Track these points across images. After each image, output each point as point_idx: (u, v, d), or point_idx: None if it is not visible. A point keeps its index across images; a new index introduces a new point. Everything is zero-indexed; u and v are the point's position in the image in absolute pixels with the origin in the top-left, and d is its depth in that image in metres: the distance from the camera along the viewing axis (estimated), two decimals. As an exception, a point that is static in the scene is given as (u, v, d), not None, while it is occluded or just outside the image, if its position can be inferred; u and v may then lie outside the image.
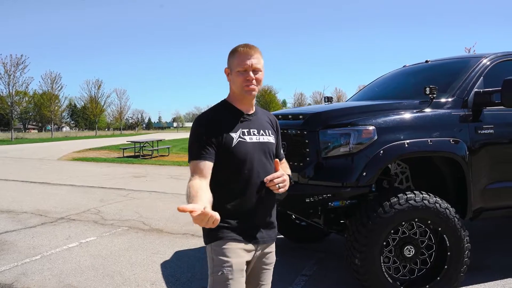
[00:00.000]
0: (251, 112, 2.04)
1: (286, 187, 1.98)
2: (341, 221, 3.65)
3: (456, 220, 3.26)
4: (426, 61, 4.69)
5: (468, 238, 3.33)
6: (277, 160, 1.99)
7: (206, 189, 1.75)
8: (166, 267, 4.34)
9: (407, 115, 3.38)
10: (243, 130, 1.95)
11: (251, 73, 1.92)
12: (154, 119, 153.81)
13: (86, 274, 4.14)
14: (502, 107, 3.67)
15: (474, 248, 4.21)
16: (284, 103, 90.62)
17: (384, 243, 3.19)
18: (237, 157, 1.90)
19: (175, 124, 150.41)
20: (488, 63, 3.89)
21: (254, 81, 1.92)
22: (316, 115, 3.51)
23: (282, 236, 5.23)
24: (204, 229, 1.90)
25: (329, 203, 3.39)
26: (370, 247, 3.14)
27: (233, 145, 1.89)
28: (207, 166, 1.84)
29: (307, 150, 3.35)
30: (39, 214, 6.92)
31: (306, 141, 3.38)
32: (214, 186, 1.84)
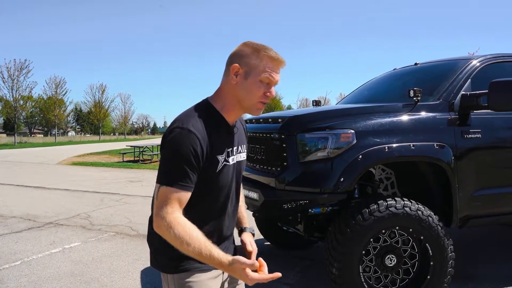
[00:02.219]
0: (235, 123, 1.67)
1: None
2: (323, 228, 3.53)
3: (440, 228, 3.12)
4: (416, 64, 4.57)
5: (452, 247, 3.19)
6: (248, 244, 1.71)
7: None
8: (146, 274, 4.23)
9: (388, 119, 3.26)
10: (227, 150, 1.60)
11: (273, 89, 1.56)
12: (160, 124, 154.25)
13: (64, 280, 4.03)
14: (489, 110, 3.55)
15: (461, 257, 4.08)
16: (289, 108, 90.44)
17: (364, 252, 3.06)
18: (218, 184, 1.59)
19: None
20: (477, 65, 3.76)
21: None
22: (294, 118, 3.39)
23: (268, 243, 5.11)
24: (160, 254, 1.61)
25: (309, 210, 3.27)
26: (348, 256, 3.01)
27: (217, 170, 1.56)
28: (188, 198, 1.48)
29: (285, 154, 3.23)
30: (28, 218, 6.83)
31: (284, 145, 3.26)
32: (194, 210, 1.53)
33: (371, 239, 3.06)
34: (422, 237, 3.11)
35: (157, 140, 43.28)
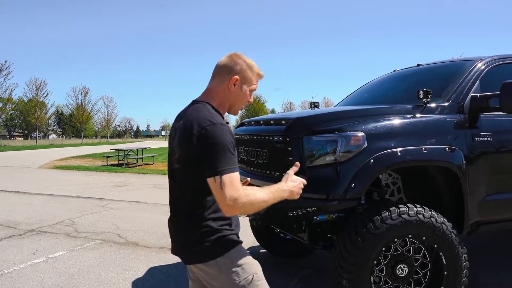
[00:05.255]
0: None
1: None
2: (328, 236, 3.33)
3: (454, 236, 2.96)
4: (418, 65, 4.43)
5: (466, 255, 3.04)
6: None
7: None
8: (137, 285, 3.98)
9: (399, 121, 3.09)
10: None
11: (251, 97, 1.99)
12: (143, 127, 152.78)
13: (48, 294, 3.76)
14: (500, 112, 3.42)
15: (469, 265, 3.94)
16: (273, 112, 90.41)
17: (375, 262, 2.88)
18: None
19: (163, 133, 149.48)
20: (484, 66, 3.63)
21: None
22: (300, 120, 3.20)
23: (264, 250, 4.90)
24: (212, 241, 1.79)
25: (314, 217, 3.08)
26: (359, 267, 2.82)
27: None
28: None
29: (290, 158, 3.03)
30: (8, 226, 6.49)
31: (289, 148, 3.06)
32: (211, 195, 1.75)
33: (383, 248, 2.88)
34: (435, 246, 2.94)
35: (141, 143, 42.70)
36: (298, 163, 1.98)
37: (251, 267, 1.84)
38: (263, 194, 1.73)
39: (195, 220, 1.79)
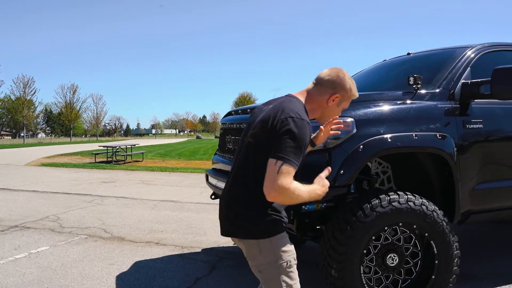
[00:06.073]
0: None
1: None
2: (317, 227, 3.25)
3: (445, 224, 2.90)
4: (408, 54, 4.37)
5: (457, 244, 2.97)
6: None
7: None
8: (122, 279, 3.86)
9: (389, 107, 3.01)
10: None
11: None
12: (133, 126, 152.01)
13: (29, 289, 3.63)
14: (491, 100, 3.36)
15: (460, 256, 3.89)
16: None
17: (365, 251, 2.80)
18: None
19: (153, 131, 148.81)
20: (475, 53, 3.57)
21: None
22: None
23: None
24: (260, 222, 1.88)
25: (303, 207, 2.99)
26: (348, 256, 2.74)
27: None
28: None
29: (277, 145, 2.94)
30: (-9, 222, 6.32)
31: (276, 135, 2.97)
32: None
33: (373, 237, 2.81)
34: (426, 234, 2.87)
35: (130, 141, 42.37)
36: (330, 168, 2.11)
37: (287, 255, 1.92)
38: (305, 193, 1.80)
39: (250, 196, 1.85)
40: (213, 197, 3.91)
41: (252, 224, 1.90)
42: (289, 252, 1.94)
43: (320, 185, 1.92)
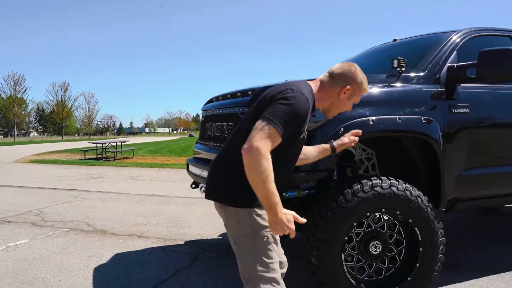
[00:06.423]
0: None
1: None
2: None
3: (429, 210, 2.80)
4: (394, 40, 4.27)
5: (442, 231, 2.88)
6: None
7: None
8: (100, 271, 3.74)
9: (372, 90, 2.90)
10: (307, 125, 1.93)
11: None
12: (126, 125, 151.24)
13: (2, 281, 3.50)
14: (478, 84, 3.28)
15: (446, 245, 3.81)
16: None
17: (346, 238, 2.70)
18: (295, 145, 1.94)
19: (147, 130, 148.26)
20: (462, 37, 3.48)
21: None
22: (265, 90, 2.99)
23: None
24: (242, 191, 1.81)
25: (283, 194, 2.88)
26: (329, 243, 2.63)
27: (300, 137, 1.90)
28: (276, 145, 1.74)
29: (256, 129, 2.83)
30: (-29, 216, 6.16)
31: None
32: None
33: (354, 224, 2.71)
34: (410, 220, 2.78)
35: (121, 138, 42.07)
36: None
37: (266, 230, 1.85)
38: (267, 184, 1.64)
39: (236, 162, 1.75)
40: (193, 186, 3.79)
41: (234, 191, 1.87)
42: (267, 228, 1.85)
43: (282, 212, 1.70)
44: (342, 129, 2.66)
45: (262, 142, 1.65)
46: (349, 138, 2.38)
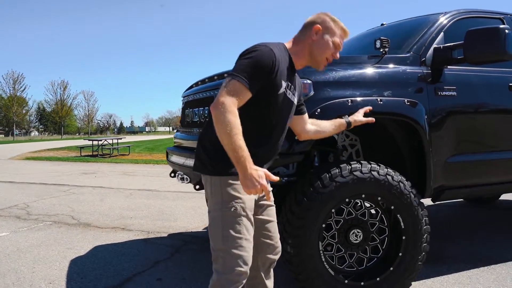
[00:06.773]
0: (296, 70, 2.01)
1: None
2: (278, 205, 3.01)
3: (413, 196, 2.66)
4: (382, 24, 4.14)
5: (427, 219, 2.74)
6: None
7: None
8: (76, 263, 3.61)
9: (352, 71, 2.77)
10: (289, 82, 1.89)
11: (337, 53, 2.02)
12: (127, 124, 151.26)
13: (-27, 274, 3.38)
14: (465, 67, 3.14)
15: (434, 237, 3.69)
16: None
17: (324, 226, 2.57)
18: (275, 105, 1.85)
19: (147, 129, 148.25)
20: (449, 19, 3.34)
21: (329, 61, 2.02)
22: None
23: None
24: (215, 158, 1.82)
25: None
26: (305, 231, 2.50)
27: (278, 92, 1.82)
28: (247, 98, 1.73)
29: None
30: (-45, 210, 6.04)
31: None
32: (244, 119, 1.68)
33: (333, 210, 2.57)
34: (392, 207, 2.64)
35: (119, 136, 41.88)
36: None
37: (236, 201, 1.80)
38: (233, 137, 1.61)
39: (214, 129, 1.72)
40: (172, 174, 3.65)
41: (208, 157, 1.86)
42: (239, 199, 1.80)
43: (252, 168, 1.63)
44: (318, 109, 2.53)
45: (227, 97, 1.65)
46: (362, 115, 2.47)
